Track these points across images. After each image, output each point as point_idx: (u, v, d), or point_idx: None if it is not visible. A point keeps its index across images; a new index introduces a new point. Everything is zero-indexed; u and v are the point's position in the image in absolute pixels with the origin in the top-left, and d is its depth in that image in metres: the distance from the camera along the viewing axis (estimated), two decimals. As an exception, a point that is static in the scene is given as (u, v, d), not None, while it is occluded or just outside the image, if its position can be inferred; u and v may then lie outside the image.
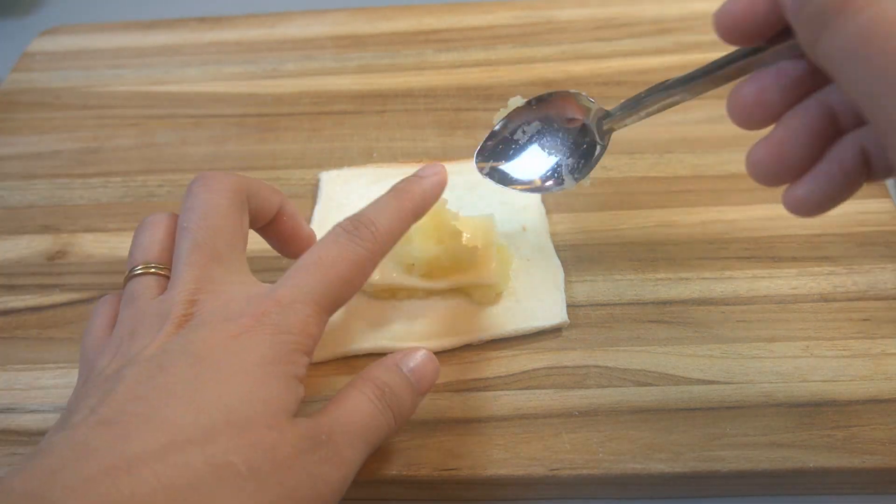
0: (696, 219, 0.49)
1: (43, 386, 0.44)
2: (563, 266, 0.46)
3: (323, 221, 0.50)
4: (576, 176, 0.40)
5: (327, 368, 0.43)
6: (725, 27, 0.28)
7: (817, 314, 0.44)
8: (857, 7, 0.22)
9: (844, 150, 0.28)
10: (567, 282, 0.46)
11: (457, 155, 0.54)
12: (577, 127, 0.40)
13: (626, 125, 0.39)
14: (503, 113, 0.43)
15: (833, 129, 0.28)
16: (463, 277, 0.44)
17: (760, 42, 0.28)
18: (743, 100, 0.29)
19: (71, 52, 0.66)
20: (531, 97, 0.42)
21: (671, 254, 0.47)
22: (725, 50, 0.31)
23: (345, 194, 0.51)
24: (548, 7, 0.66)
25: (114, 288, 0.48)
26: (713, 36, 0.30)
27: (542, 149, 0.41)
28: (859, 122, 0.28)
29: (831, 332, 0.43)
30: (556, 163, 0.40)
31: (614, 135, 0.54)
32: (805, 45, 0.25)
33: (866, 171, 0.28)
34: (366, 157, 0.55)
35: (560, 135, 0.41)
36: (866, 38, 0.21)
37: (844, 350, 0.42)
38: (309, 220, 0.50)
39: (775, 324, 0.43)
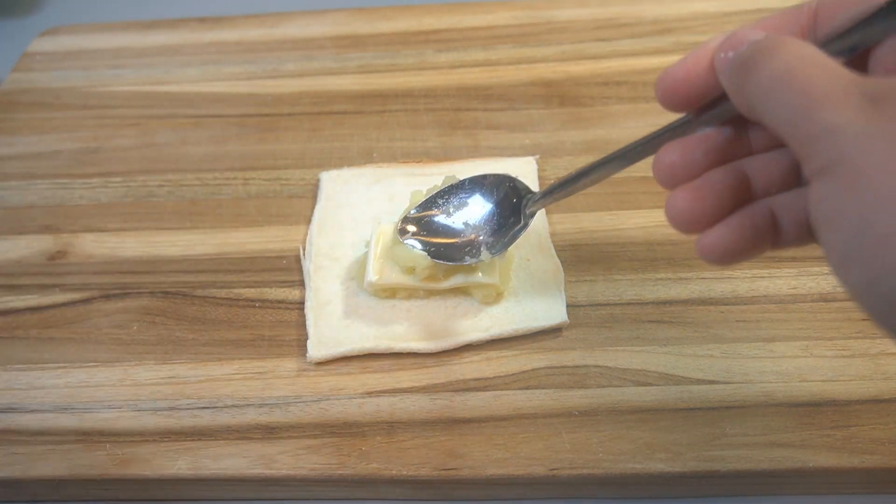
0: (696, 219, 0.49)
1: (43, 386, 0.44)
2: (563, 266, 0.46)
3: (323, 221, 0.50)
4: (492, 251, 0.43)
5: (327, 368, 0.43)
6: (666, 89, 0.31)
7: (817, 314, 0.44)
8: (783, 49, 0.26)
9: (755, 209, 0.31)
10: (567, 282, 0.46)
11: (457, 155, 0.54)
12: (503, 207, 0.44)
13: (548, 204, 0.42)
14: (435, 189, 0.45)
15: (746, 193, 0.31)
16: (464, 278, 0.44)
17: (693, 107, 0.31)
18: (669, 158, 0.32)
19: (71, 52, 0.66)
20: (466, 177, 0.45)
21: (671, 254, 0.47)
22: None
23: (345, 194, 0.52)
24: (548, 7, 0.66)
25: (114, 288, 0.48)
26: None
27: (465, 224, 0.44)
28: (771, 190, 0.31)
29: (831, 331, 0.43)
30: (476, 238, 0.43)
31: (614, 135, 0.55)
32: (734, 90, 0.28)
33: (773, 233, 0.30)
34: (366, 157, 0.55)
35: (485, 213, 0.44)
36: (790, 71, 0.26)
37: (844, 350, 0.42)
38: (309, 220, 0.50)
39: (775, 324, 0.43)
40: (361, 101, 0.59)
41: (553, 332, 0.44)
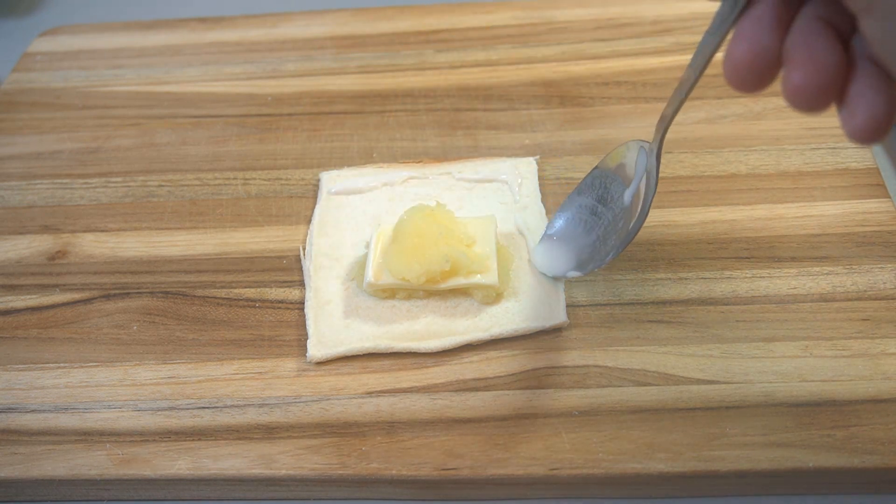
0: (696, 219, 0.49)
1: (43, 386, 0.44)
2: (563, 266, 0.46)
3: (323, 221, 0.50)
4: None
5: (327, 368, 0.43)
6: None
7: (817, 314, 0.44)
8: None
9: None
10: (567, 282, 0.46)
11: (457, 155, 0.54)
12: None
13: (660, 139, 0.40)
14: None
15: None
16: (463, 278, 0.44)
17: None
18: (740, 48, 0.29)
19: (71, 52, 0.66)
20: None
21: (671, 254, 0.47)
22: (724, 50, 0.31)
23: (345, 194, 0.52)
24: (548, 7, 0.66)
25: (114, 288, 0.48)
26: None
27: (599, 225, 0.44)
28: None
29: (831, 332, 0.43)
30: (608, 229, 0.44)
31: (614, 135, 0.55)
32: None
33: (848, 53, 0.28)
34: (366, 157, 0.55)
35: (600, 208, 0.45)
36: None
37: (844, 350, 0.42)
38: (309, 220, 0.50)
39: (775, 324, 0.43)
40: (361, 101, 0.59)
41: (553, 332, 0.44)
